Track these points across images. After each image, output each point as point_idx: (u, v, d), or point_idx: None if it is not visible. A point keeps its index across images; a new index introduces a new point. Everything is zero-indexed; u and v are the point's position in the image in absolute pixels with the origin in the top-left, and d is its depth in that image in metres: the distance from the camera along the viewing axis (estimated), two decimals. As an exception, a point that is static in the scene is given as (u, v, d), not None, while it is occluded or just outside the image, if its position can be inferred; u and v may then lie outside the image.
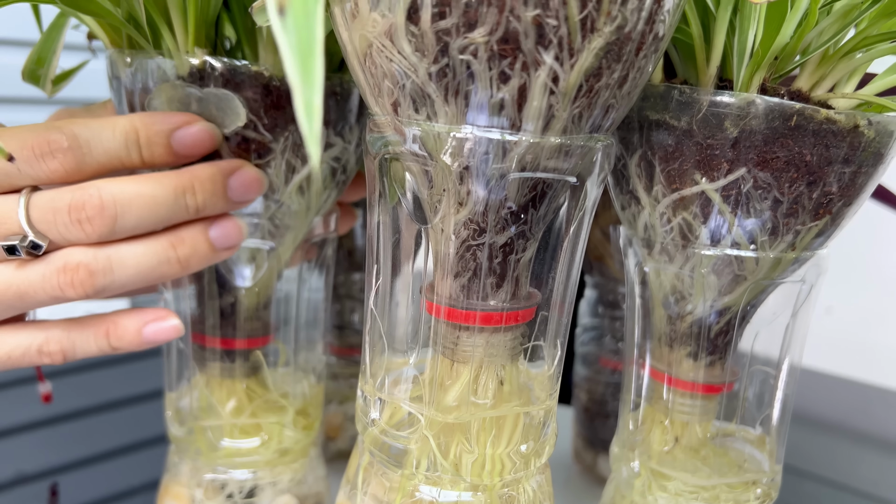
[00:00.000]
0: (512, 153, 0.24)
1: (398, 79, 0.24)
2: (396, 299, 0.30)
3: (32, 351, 0.31)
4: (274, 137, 0.33)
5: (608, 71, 0.23)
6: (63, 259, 0.29)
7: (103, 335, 0.31)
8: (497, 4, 0.21)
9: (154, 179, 0.29)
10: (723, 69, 0.32)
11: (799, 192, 0.29)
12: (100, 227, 0.28)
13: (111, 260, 0.29)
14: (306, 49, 0.15)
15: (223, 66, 0.31)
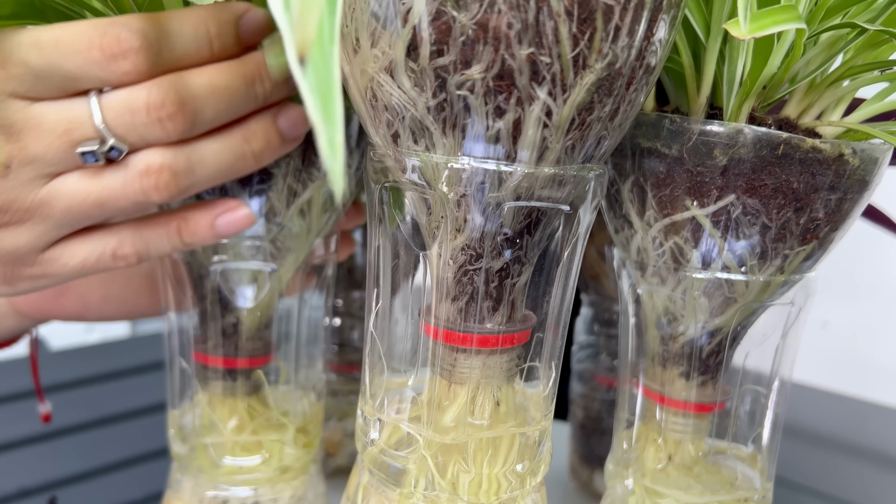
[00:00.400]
0: (507, 183, 0.25)
1: (398, 112, 0.25)
2: (395, 322, 0.30)
3: (107, 255, 0.30)
4: (276, 163, 0.34)
5: (600, 105, 0.24)
6: (144, 162, 0.28)
7: (175, 232, 0.31)
8: (493, 43, 0.22)
9: (224, 70, 0.28)
10: (713, 97, 0.33)
11: (787, 218, 0.30)
12: (181, 125, 0.27)
13: (191, 159, 0.28)
14: (326, 93, 0.16)
15: None
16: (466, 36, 0.22)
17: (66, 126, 0.26)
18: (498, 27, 0.22)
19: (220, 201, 0.32)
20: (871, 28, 0.28)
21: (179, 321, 0.38)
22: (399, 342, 0.31)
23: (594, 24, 0.22)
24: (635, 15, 0.23)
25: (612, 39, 0.23)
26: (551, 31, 0.22)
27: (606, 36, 0.23)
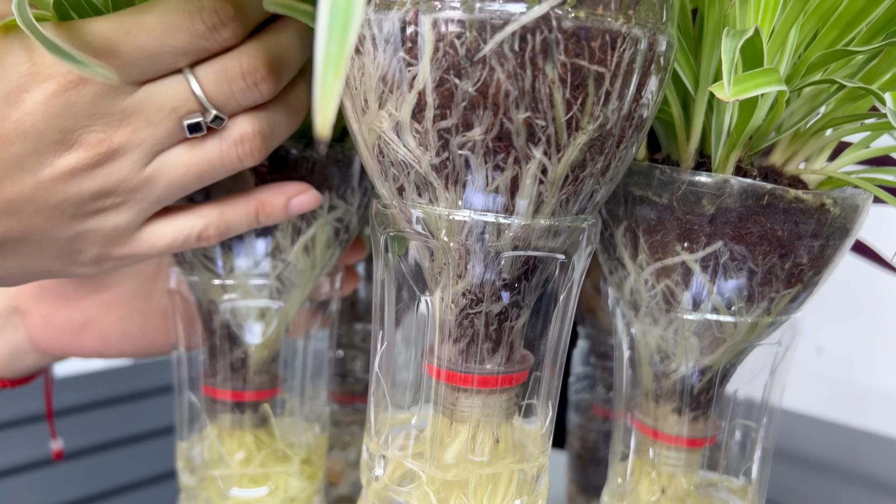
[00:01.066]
0: (506, 234, 0.27)
1: (403, 167, 0.26)
2: (399, 362, 0.32)
3: (193, 236, 0.31)
4: None
5: (592, 162, 0.26)
6: (238, 131, 0.29)
7: (253, 213, 0.32)
8: (492, 108, 0.24)
9: (284, 29, 0.29)
10: (702, 146, 0.35)
11: (772, 264, 0.31)
12: (273, 85, 0.29)
13: (271, 124, 0.30)
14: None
15: None
16: (468, 101, 0.24)
17: (174, 104, 0.28)
18: (497, 94, 0.23)
19: (291, 184, 0.33)
20: (849, 84, 0.30)
21: (189, 356, 0.39)
22: (403, 381, 0.32)
23: (586, 90, 0.24)
24: (625, 80, 0.25)
25: (603, 103, 0.24)
26: (546, 96, 0.24)
27: (598, 100, 0.24)
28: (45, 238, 0.29)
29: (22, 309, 0.41)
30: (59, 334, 0.42)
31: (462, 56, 0.23)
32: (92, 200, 0.28)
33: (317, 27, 0.15)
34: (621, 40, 0.24)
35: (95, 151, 0.27)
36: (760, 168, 0.35)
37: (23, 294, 0.41)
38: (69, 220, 0.28)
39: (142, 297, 0.43)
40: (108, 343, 0.43)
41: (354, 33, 0.15)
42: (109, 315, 0.42)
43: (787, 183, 0.34)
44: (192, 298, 0.38)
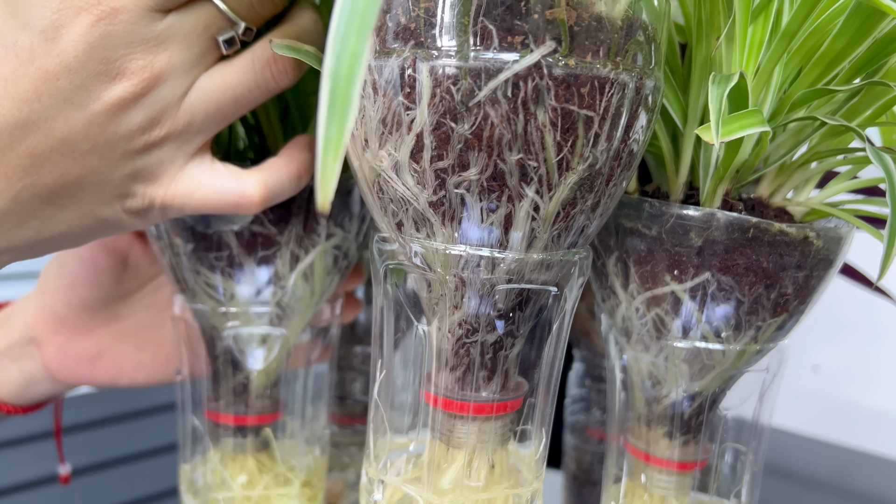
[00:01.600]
0: (500, 267, 0.28)
1: (402, 204, 0.27)
2: (397, 389, 0.33)
3: (231, 199, 0.31)
4: (279, 231, 0.36)
5: (582, 200, 0.27)
6: (267, 51, 0.30)
7: (296, 175, 0.32)
8: (486, 150, 0.25)
9: None
10: (691, 178, 0.36)
11: (758, 294, 0.32)
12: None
13: (297, 32, 0.31)
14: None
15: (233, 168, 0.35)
16: (463, 143, 0.25)
17: (205, 23, 0.28)
18: (491, 136, 0.25)
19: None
20: (830, 122, 0.31)
21: (192, 380, 0.40)
22: (401, 408, 0.33)
23: (576, 133, 0.25)
24: (613, 123, 0.26)
25: (593, 145, 0.26)
26: (538, 139, 0.25)
27: (587, 142, 0.25)
28: (100, 180, 0.29)
29: (38, 339, 0.42)
30: (74, 364, 0.42)
31: (458, 101, 0.24)
32: (140, 133, 0.28)
33: (318, 114, 0.16)
34: (609, 86, 0.25)
35: (140, 78, 0.28)
36: (748, 199, 0.36)
37: (39, 324, 0.42)
38: (120, 157, 0.29)
39: (155, 327, 0.44)
40: (121, 372, 0.43)
41: (352, 120, 0.16)
42: (123, 345, 0.43)
43: (773, 214, 0.35)
44: (195, 325, 0.39)
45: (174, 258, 0.37)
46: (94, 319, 0.43)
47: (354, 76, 0.17)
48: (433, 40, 0.24)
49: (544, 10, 0.24)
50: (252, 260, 0.37)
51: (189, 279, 0.37)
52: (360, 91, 0.17)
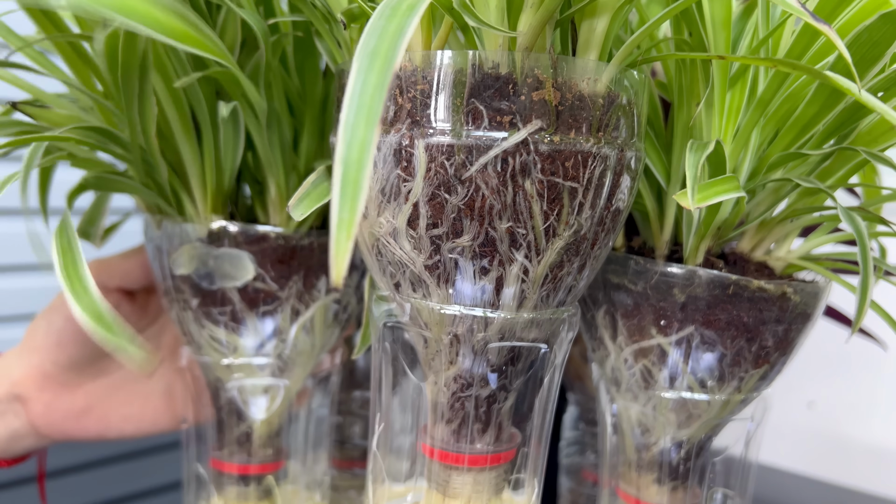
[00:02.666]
0: (492, 326, 0.29)
1: (399, 266, 0.29)
2: (396, 441, 0.34)
3: None
4: (280, 287, 0.38)
5: (569, 263, 0.29)
6: None
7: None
8: (478, 218, 0.27)
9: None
10: (676, 234, 0.38)
11: (740, 347, 0.34)
12: None
13: None
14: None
15: (236, 229, 0.37)
16: (457, 213, 0.27)
17: None
18: (482, 207, 0.26)
19: None
20: (804, 184, 0.33)
21: (197, 430, 0.42)
22: (399, 459, 0.34)
23: (561, 202, 0.27)
24: (596, 192, 0.28)
25: (577, 213, 0.27)
26: (526, 209, 0.27)
27: (572, 210, 0.27)
28: None
29: (24, 396, 0.42)
30: (62, 420, 0.42)
31: (451, 175, 0.26)
32: None
33: (332, 197, 0.18)
34: (592, 159, 0.27)
35: None
36: (731, 254, 0.38)
37: (25, 382, 0.42)
38: None
39: (142, 379, 0.44)
40: (109, 426, 0.44)
41: (363, 202, 0.18)
42: (111, 399, 0.44)
43: (754, 269, 0.37)
44: (201, 376, 0.40)
45: (181, 312, 0.38)
46: (81, 376, 0.43)
47: (364, 163, 0.18)
48: (428, 119, 0.26)
49: (531, 92, 0.26)
50: (254, 315, 0.38)
51: (195, 332, 0.39)
52: (369, 176, 0.19)
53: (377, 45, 0.20)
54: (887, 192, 0.38)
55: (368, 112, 0.19)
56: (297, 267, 0.38)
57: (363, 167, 0.18)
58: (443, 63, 0.26)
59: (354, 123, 0.19)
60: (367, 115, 0.19)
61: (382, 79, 0.19)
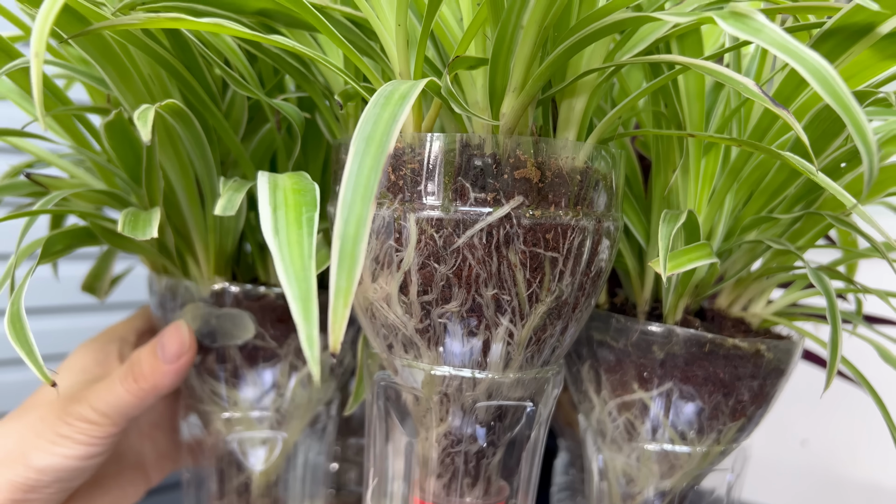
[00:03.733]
0: (480, 386, 0.31)
1: (392, 329, 0.31)
2: (389, 495, 0.36)
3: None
4: (279, 344, 0.40)
5: (552, 326, 0.30)
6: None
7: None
8: (465, 286, 0.29)
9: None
10: (657, 290, 0.39)
11: (717, 401, 0.36)
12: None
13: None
14: (306, 299, 0.21)
15: (238, 290, 0.39)
16: (445, 281, 0.29)
17: None
18: (469, 275, 0.28)
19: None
20: (774, 245, 0.35)
21: (196, 480, 0.43)
22: (392, 511, 0.36)
23: (543, 271, 0.29)
24: (576, 260, 0.29)
25: (558, 280, 0.29)
26: (510, 277, 0.28)
27: (553, 278, 0.29)
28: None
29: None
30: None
31: (440, 246, 0.28)
32: None
33: (331, 267, 0.20)
34: (571, 230, 0.29)
35: None
36: (709, 310, 0.40)
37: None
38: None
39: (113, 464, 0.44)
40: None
41: (359, 273, 0.20)
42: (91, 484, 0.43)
43: (731, 324, 0.39)
44: (202, 428, 0.42)
45: (184, 367, 0.40)
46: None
47: (360, 237, 0.20)
48: (419, 195, 0.28)
49: (513, 170, 0.28)
50: (254, 370, 0.40)
51: (196, 386, 0.40)
52: (365, 248, 0.21)
53: (372, 132, 0.22)
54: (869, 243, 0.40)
55: (364, 192, 0.21)
56: (293, 327, 0.39)
57: (359, 242, 0.20)
58: (432, 144, 0.28)
59: (351, 202, 0.21)
60: (362, 194, 0.21)
61: (377, 162, 0.21)
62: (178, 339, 0.38)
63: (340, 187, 0.21)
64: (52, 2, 0.22)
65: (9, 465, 0.37)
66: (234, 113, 0.36)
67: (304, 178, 0.29)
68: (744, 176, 0.36)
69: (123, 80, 0.32)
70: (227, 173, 0.38)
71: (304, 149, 0.39)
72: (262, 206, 0.27)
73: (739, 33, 0.21)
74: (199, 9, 0.30)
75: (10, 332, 0.29)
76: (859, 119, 0.20)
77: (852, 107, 0.20)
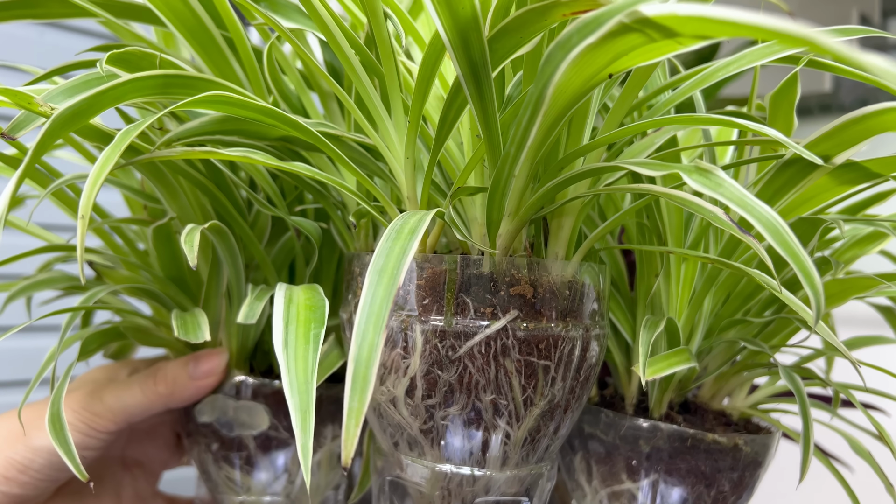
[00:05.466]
0: (479, 482, 0.34)
1: (398, 428, 0.34)
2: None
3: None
4: (291, 434, 0.42)
5: (545, 426, 0.33)
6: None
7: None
8: (466, 391, 0.32)
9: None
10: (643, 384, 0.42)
11: (700, 491, 0.38)
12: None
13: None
14: (305, 412, 0.24)
15: (254, 382, 0.41)
16: (448, 387, 0.32)
17: None
18: (470, 382, 0.31)
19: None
20: (750, 346, 0.38)
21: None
22: None
23: (537, 378, 0.32)
24: (566, 367, 0.33)
25: (551, 385, 0.32)
26: (506, 383, 0.31)
27: (546, 383, 0.32)
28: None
29: None
30: None
31: (443, 355, 0.31)
32: None
33: (345, 389, 0.23)
34: (562, 340, 0.32)
35: None
36: (692, 403, 0.43)
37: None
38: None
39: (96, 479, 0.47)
40: None
41: (370, 395, 0.23)
42: None
43: (713, 417, 0.42)
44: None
45: (202, 454, 0.43)
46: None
47: (372, 361, 0.23)
48: (424, 308, 0.31)
49: (509, 287, 0.31)
50: (267, 458, 0.42)
51: (213, 472, 0.43)
52: (376, 372, 0.24)
53: (384, 265, 0.26)
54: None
55: (376, 321, 0.24)
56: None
57: (371, 366, 0.23)
58: (437, 264, 0.31)
59: (365, 329, 0.24)
60: (375, 323, 0.24)
61: (388, 294, 0.25)
62: (214, 360, 0.41)
63: (356, 316, 0.24)
64: (101, 169, 0.26)
65: (10, 442, 0.39)
66: (258, 224, 0.40)
67: (317, 293, 0.32)
68: (720, 280, 0.40)
69: (171, 197, 0.36)
70: (251, 276, 0.41)
71: (320, 253, 0.43)
72: (276, 320, 0.30)
73: (703, 188, 0.25)
74: (227, 140, 0.34)
75: (51, 431, 0.32)
76: (806, 265, 0.23)
77: (800, 254, 0.23)
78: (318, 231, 0.37)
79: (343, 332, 0.37)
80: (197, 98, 0.28)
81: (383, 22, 0.31)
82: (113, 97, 0.28)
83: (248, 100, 0.29)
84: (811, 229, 0.36)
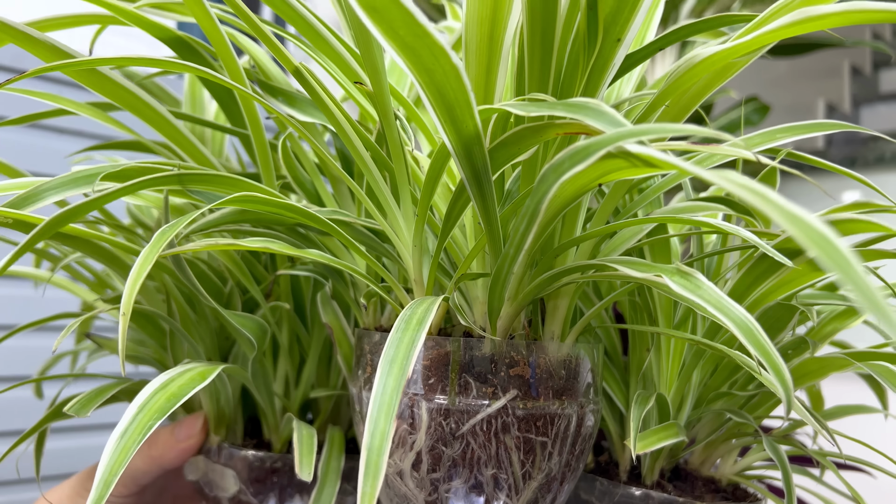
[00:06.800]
0: (481, 550, 0.36)
1: (404, 498, 0.36)
2: None
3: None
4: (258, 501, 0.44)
5: (543, 499, 0.35)
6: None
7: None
8: (469, 466, 0.34)
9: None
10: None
11: (692, 557, 0.40)
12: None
13: None
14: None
15: (226, 448, 0.44)
16: (451, 461, 0.34)
17: None
18: (472, 457, 0.34)
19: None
20: (735, 418, 0.40)
21: None
22: None
23: (535, 453, 0.34)
24: (562, 442, 0.35)
25: (548, 460, 0.35)
26: (506, 458, 0.34)
27: (544, 458, 0.34)
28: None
29: None
30: None
31: (447, 432, 0.33)
32: None
33: (359, 475, 0.25)
34: (558, 418, 0.34)
35: None
36: (683, 469, 0.45)
37: None
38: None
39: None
40: None
41: (381, 480, 0.25)
42: None
43: (702, 483, 0.44)
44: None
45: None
46: None
47: (384, 449, 0.26)
48: (430, 388, 0.34)
49: (508, 369, 0.33)
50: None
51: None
52: (387, 459, 0.26)
53: (395, 355, 0.28)
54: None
55: (388, 409, 0.26)
56: (271, 486, 0.44)
57: (383, 453, 0.26)
58: (441, 347, 0.34)
59: (377, 417, 0.26)
60: (386, 412, 0.26)
61: (398, 384, 0.27)
62: (191, 425, 0.45)
63: (368, 406, 0.26)
64: (141, 268, 0.28)
65: None
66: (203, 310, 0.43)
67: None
68: (708, 355, 0.42)
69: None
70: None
71: (310, 330, 0.45)
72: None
73: (683, 291, 0.27)
74: (244, 229, 0.37)
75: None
76: (777, 363, 0.26)
77: (771, 353, 0.26)
78: (259, 330, 0.40)
79: (352, 405, 0.39)
80: (231, 197, 0.31)
81: (394, 123, 0.34)
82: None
83: (272, 198, 0.32)
84: (788, 313, 0.39)
